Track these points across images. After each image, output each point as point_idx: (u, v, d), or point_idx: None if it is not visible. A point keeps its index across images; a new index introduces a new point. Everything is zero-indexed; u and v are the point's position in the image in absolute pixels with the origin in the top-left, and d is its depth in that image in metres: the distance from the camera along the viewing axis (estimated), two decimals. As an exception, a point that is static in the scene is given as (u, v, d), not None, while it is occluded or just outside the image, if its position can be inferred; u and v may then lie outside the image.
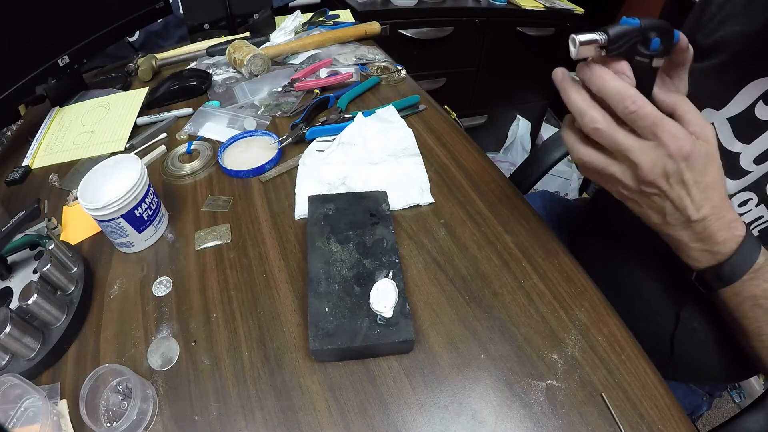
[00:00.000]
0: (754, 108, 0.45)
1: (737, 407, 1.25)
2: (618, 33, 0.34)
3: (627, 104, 0.34)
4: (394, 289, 0.41)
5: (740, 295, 0.40)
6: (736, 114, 0.47)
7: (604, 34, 0.34)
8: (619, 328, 0.43)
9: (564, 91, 0.37)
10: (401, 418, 0.37)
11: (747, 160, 0.47)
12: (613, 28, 0.34)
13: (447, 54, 1.54)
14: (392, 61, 0.88)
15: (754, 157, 0.46)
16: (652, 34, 0.34)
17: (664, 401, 0.38)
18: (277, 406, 0.38)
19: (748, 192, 0.47)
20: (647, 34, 0.34)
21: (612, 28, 0.34)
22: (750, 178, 0.46)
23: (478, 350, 0.41)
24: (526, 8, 1.48)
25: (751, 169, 0.46)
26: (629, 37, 0.34)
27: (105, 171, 0.51)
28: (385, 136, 0.65)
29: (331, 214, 0.50)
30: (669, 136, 0.34)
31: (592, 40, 0.34)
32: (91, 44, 0.80)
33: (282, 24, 0.96)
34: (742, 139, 0.47)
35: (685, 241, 0.40)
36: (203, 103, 0.77)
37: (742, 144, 0.47)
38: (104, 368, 0.38)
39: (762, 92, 0.44)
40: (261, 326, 0.44)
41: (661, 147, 0.35)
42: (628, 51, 0.35)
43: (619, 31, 0.34)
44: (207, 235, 0.53)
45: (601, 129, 0.35)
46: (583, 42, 0.34)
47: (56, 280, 0.44)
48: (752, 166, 0.46)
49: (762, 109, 0.44)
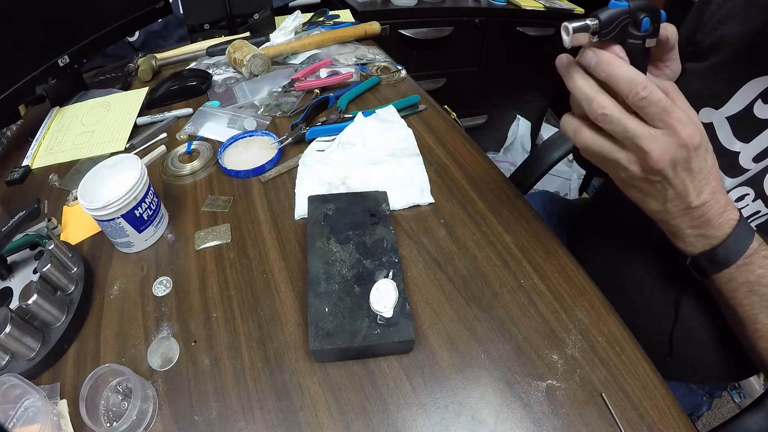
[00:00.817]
0: (753, 106, 0.45)
1: (737, 407, 1.25)
2: (609, 17, 0.34)
3: (638, 90, 0.33)
4: (394, 289, 0.41)
5: (735, 281, 0.40)
6: (734, 113, 0.47)
7: (595, 20, 0.34)
8: (619, 328, 0.43)
9: (569, 77, 0.36)
10: (401, 418, 0.37)
11: (746, 158, 0.47)
12: (604, 12, 0.34)
13: (447, 54, 1.53)
14: (392, 61, 0.88)
15: (753, 155, 0.46)
16: (641, 15, 0.34)
17: (664, 401, 0.38)
18: (277, 406, 0.38)
19: (746, 187, 0.47)
20: (637, 15, 0.34)
21: (602, 12, 0.34)
22: (748, 174, 0.46)
23: (478, 350, 0.41)
24: (526, 8, 1.48)
25: (750, 167, 0.46)
26: (620, 19, 0.34)
27: (105, 171, 0.51)
28: (385, 136, 0.65)
29: (331, 214, 0.50)
30: (680, 124, 0.33)
31: (584, 27, 0.34)
32: (91, 44, 0.80)
33: (282, 24, 0.96)
34: (740, 137, 0.47)
35: (683, 228, 0.40)
36: (203, 103, 0.77)
37: (741, 143, 0.47)
38: (104, 368, 0.38)
39: (760, 91, 0.44)
40: (261, 326, 0.44)
41: (671, 135, 0.34)
42: (620, 35, 0.34)
43: (610, 15, 0.34)
44: (207, 235, 0.53)
45: (610, 115, 0.34)
46: (577, 29, 0.34)
47: (56, 280, 0.44)
48: (751, 164, 0.46)
49: (761, 108, 0.44)
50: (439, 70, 1.58)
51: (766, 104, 0.44)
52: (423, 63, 1.52)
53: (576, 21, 0.34)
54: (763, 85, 0.43)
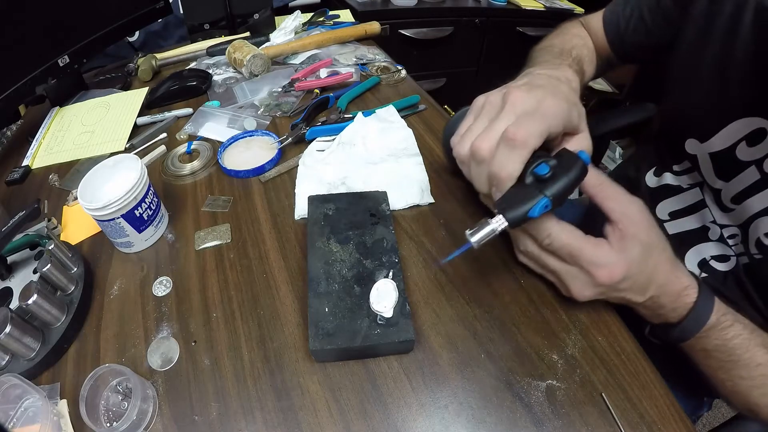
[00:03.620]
0: (736, 148, 0.45)
1: (737, 407, 1.25)
2: (516, 218, 0.35)
3: (542, 237, 0.37)
4: (394, 289, 0.41)
5: (692, 348, 0.41)
6: (717, 150, 0.47)
7: (502, 222, 0.35)
8: (619, 328, 0.43)
9: None
10: (401, 418, 0.37)
11: (727, 197, 0.47)
12: (512, 213, 0.35)
13: (447, 54, 1.54)
14: (392, 61, 0.88)
15: (732, 195, 0.46)
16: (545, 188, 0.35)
17: (664, 401, 0.38)
18: (277, 406, 0.38)
19: (735, 228, 0.48)
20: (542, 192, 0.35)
21: (510, 212, 0.35)
22: (734, 214, 0.47)
23: (478, 350, 0.41)
24: (526, 8, 1.49)
25: (733, 207, 0.47)
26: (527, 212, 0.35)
27: (105, 171, 0.51)
28: (385, 136, 0.65)
29: (331, 214, 0.50)
30: (592, 266, 0.36)
31: (489, 234, 0.36)
32: (91, 44, 0.80)
33: (282, 24, 0.96)
34: (721, 176, 0.47)
35: (637, 309, 0.41)
36: (203, 103, 0.77)
37: (722, 181, 0.47)
38: (104, 368, 0.38)
39: (746, 133, 0.44)
40: (261, 326, 0.44)
41: (587, 275, 0.37)
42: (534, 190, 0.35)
43: (516, 217, 0.35)
44: (207, 235, 0.53)
45: (532, 252, 0.39)
46: (481, 240, 0.36)
47: (56, 280, 0.44)
48: (732, 204, 0.47)
49: (744, 150, 0.44)
50: (439, 70, 1.58)
51: (750, 147, 0.44)
52: (423, 63, 1.52)
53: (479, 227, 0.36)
54: (749, 127, 0.43)
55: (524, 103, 0.37)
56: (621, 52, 0.62)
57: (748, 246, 0.45)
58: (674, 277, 0.38)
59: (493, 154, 0.36)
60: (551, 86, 0.40)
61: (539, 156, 0.36)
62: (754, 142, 0.43)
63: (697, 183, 0.52)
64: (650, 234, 0.37)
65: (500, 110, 0.38)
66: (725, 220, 0.49)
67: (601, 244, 0.37)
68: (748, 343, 0.38)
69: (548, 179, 0.35)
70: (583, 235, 0.37)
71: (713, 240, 0.50)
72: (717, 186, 0.48)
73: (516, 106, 0.37)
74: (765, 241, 0.43)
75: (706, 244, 0.51)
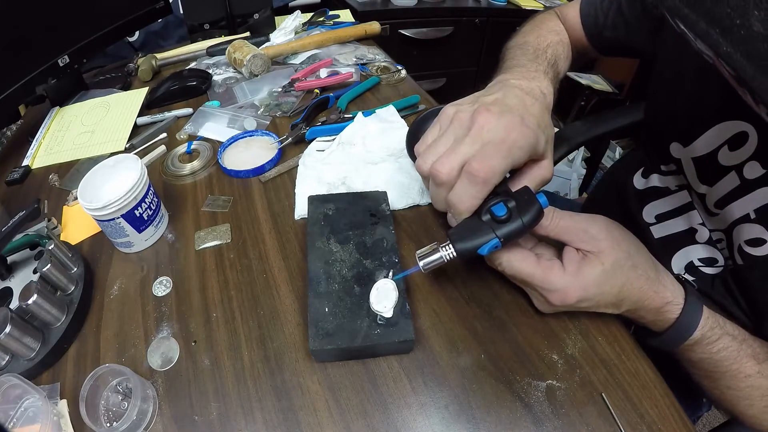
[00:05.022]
0: (718, 153, 0.44)
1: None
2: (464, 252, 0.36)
3: (495, 265, 0.40)
4: (394, 289, 0.41)
5: (678, 355, 0.41)
6: (699, 155, 0.46)
7: (449, 250, 0.37)
8: (619, 328, 0.43)
9: None
10: (401, 418, 0.37)
11: (710, 202, 0.47)
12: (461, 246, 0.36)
13: (447, 54, 1.54)
14: (392, 61, 0.88)
15: (715, 200, 0.46)
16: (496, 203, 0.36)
17: (664, 401, 0.38)
18: (277, 406, 0.38)
19: (720, 233, 0.47)
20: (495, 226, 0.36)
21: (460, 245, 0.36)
22: (719, 219, 0.46)
23: (478, 350, 0.41)
24: (526, 8, 1.49)
25: (717, 212, 0.46)
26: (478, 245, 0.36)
27: (105, 171, 0.51)
28: (385, 136, 0.65)
29: (331, 214, 0.50)
30: (544, 291, 0.38)
31: (438, 261, 0.38)
32: (91, 44, 0.80)
33: (282, 24, 0.96)
34: (704, 181, 0.47)
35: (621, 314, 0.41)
36: (203, 103, 0.77)
37: (705, 186, 0.47)
38: (104, 368, 0.38)
39: (728, 137, 0.43)
40: (261, 326, 0.44)
41: (543, 299, 0.39)
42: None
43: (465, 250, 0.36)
44: (207, 235, 0.53)
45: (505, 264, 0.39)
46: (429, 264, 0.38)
47: (56, 280, 0.44)
48: (715, 209, 0.46)
49: (725, 155, 0.44)
50: (439, 70, 1.58)
51: (732, 152, 0.43)
52: (423, 63, 1.52)
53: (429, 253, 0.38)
54: (730, 131, 0.43)
55: (492, 131, 0.36)
56: (600, 46, 0.61)
57: (733, 251, 0.45)
58: (652, 293, 0.37)
59: (451, 180, 0.37)
60: (522, 109, 0.39)
61: (498, 193, 0.37)
62: (736, 146, 0.42)
63: (684, 185, 0.51)
64: (615, 253, 0.37)
65: (467, 131, 0.37)
66: (711, 225, 0.48)
67: (552, 268, 0.37)
68: (736, 355, 0.38)
69: (503, 220, 0.36)
70: (536, 261, 0.38)
71: (701, 243, 0.49)
72: (701, 191, 0.47)
73: (483, 131, 0.36)
74: (745, 248, 0.42)
75: (693, 247, 0.50)
